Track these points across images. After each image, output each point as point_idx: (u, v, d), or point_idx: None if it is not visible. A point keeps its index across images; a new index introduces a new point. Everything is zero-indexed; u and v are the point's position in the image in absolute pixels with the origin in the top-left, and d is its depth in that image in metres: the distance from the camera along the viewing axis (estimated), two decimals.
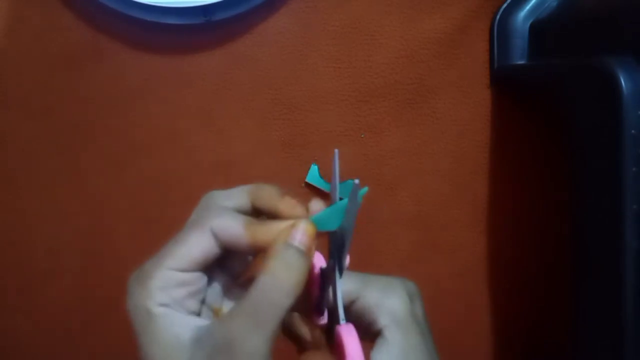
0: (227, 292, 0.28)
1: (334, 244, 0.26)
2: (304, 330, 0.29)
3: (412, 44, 0.50)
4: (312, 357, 0.27)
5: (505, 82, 0.50)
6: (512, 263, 0.52)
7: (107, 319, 0.52)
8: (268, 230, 0.25)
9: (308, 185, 0.51)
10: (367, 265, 0.51)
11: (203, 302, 0.27)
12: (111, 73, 0.50)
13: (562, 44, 0.44)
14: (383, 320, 0.27)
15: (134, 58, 0.50)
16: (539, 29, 0.47)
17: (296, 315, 0.29)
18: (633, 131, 0.32)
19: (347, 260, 0.27)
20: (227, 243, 0.26)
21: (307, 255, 0.25)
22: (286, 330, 0.29)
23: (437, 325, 0.53)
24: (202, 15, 0.47)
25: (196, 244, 0.25)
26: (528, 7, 0.48)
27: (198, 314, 0.26)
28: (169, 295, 0.24)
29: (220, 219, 0.26)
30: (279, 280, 0.24)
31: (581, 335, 0.39)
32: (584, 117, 0.37)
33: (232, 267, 0.28)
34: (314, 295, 0.28)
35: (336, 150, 0.25)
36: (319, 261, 0.28)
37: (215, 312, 0.27)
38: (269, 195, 0.27)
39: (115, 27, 0.49)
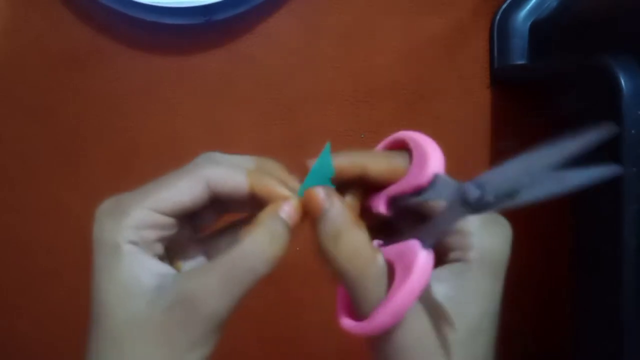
0: (186, 245, 0.27)
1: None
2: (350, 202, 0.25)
3: (412, 44, 0.50)
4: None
5: (505, 82, 0.50)
6: (511, 263, 0.52)
7: None
8: (270, 185, 0.24)
9: None
10: None
11: (167, 251, 0.26)
12: (111, 73, 0.50)
13: (562, 43, 0.44)
14: (474, 254, 0.24)
15: (134, 58, 0.50)
16: (539, 29, 0.47)
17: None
18: (633, 131, 0.32)
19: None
20: (222, 192, 0.24)
21: (291, 229, 0.24)
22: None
23: None
24: (202, 15, 0.47)
25: (186, 190, 0.24)
26: (528, 7, 0.48)
27: (161, 259, 0.25)
28: (141, 236, 0.23)
29: (219, 168, 0.25)
30: (261, 248, 0.23)
31: (581, 335, 0.39)
32: (583, 117, 0.37)
33: (200, 222, 0.27)
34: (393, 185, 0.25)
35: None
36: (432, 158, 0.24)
37: (176, 267, 0.26)
38: (274, 168, 0.26)
39: (115, 27, 0.49)
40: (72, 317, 0.53)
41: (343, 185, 0.25)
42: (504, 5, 0.48)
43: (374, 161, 0.25)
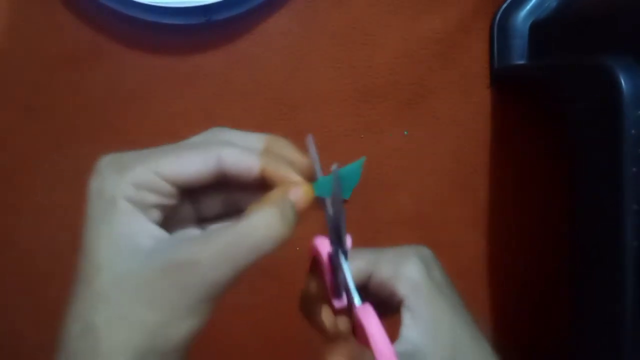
0: (185, 225, 0.26)
1: (331, 229, 0.26)
2: (326, 318, 0.28)
3: (412, 44, 0.50)
4: (334, 348, 0.26)
5: (505, 82, 0.50)
6: (512, 263, 0.52)
7: None
8: (280, 170, 0.24)
9: None
10: None
11: (165, 223, 0.25)
12: (111, 73, 0.50)
13: (562, 43, 0.44)
14: (402, 290, 0.27)
15: (134, 58, 0.50)
16: (539, 28, 0.47)
17: (315, 302, 0.29)
18: (633, 131, 0.32)
19: (349, 241, 0.27)
20: (234, 172, 0.24)
21: (297, 215, 0.24)
22: (310, 319, 0.29)
23: None
24: (202, 15, 0.47)
25: (195, 163, 0.23)
26: (528, 7, 0.48)
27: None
28: (140, 196, 0.22)
29: (235, 149, 0.24)
30: (271, 225, 0.22)
31: (581, 335, 0.39)
32: (584, 117, 0.37)
33: (201, 208, 0.26)
34: (328, 281, 0.28)
35: (309, 135, 0.26)
36: (325, 247, 0.28)
37: None
38: (284, 147, 0.26)
39: (115, 27, 0.49)
40: None
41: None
42: (504, 5, 0.48)
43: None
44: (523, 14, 0.48)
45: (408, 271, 0.28)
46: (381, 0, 0.49)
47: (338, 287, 0.28)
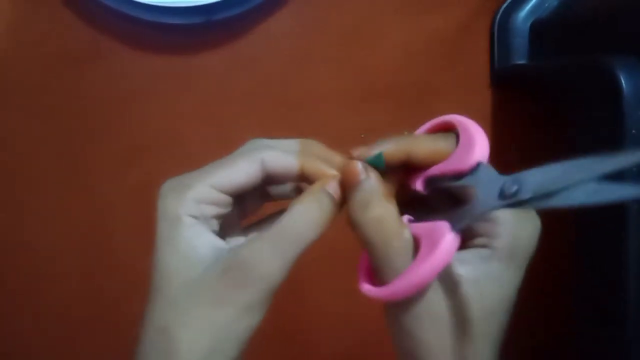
0: (234, 228, 0.29)
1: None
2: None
3: (412, 44, 0.50)
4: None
5: (505, 82, 0.50)
6: None
7: (110, 320, 0.52)
8: (317, 165, 0.27)
9: None
10: None
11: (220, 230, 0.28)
12: (111, 73, 0.50)
13: (562, 43, 0.44)
14: (500, 242, 0.25)
15: (134, 58, 0.50)
16: (539, 28, 0.47)
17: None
18: (633, 131, 0.32)
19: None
20: (276, 172, 0.26)
21: (336, 203, 0.26)
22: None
23: None
24: (202, 15, 0.47)
25: (244, 170, 0.26)
26: (528, 7, 0.48)
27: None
28: (201, 210, 0.25)
29: (274, 151, 0.27)
30: (310, 214, 0.25)
31: (582, 335, 0.39)
32: (584, 117, 0.37)
33: (245, 209, 0.29)
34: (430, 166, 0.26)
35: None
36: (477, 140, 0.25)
37: None
38: (318, 147, 0.29)
39: (115, 27, 0.49)
40: (74, 318, 0.53)
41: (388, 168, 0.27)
42: (505, 5, 0.48)
43: (419, 145, 0.27)
44: (523, 13, 0.48)
45: (522, 233, 0.25)
46: (381, 0, 0.49)
47: (437, 178, 0.25)
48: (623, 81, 0.33)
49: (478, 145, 0.25)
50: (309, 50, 0.50)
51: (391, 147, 0.27)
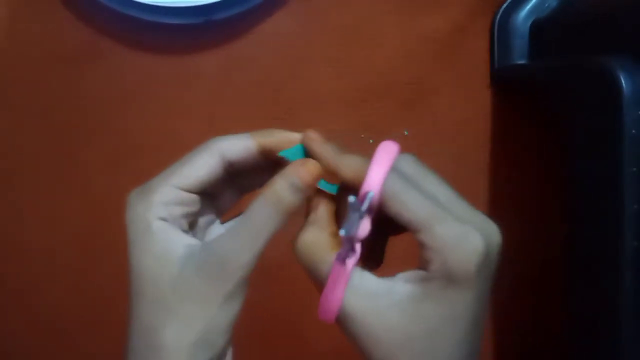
0: (209, 227, 0.30)
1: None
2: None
3: (412, 44, 0.50)
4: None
5: (505, 82, 0.50)
6: (511, 263, 0.52)
7: (106, 320, 0.52)
8: (275, 136, 0.28)
9: None
10: None
11: (191, 229, 0.28)
12: (111, 73, 0.50)
13: (562, 44, 0.44)
14: (435, 272, 0.24)
15: (133, 58, 0.50)
16: (539, 28, 0.47)
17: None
18: (633, 131, 0.32)
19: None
20: (237, 158, 0.27)
21: (303, 190, 0.26)
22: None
23: None
24: (202, 15, 0.47)
25: (204, 164, 0.27)
26: (528, 7, 0.48)
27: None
28: (169, 211, 0.26)
29: (229, 139, 0.28)
30: (270, 206, 0.25)
31: (579, 335, 0.39)
32: (584, 117, 0.37)
33: (220, 205, 0.30)
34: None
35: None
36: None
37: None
38: (276, 130, 0.29)
39: (114, 27, 0.49)
40: (69, 317, 0.53)
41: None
42: (505, 5, 0.48)
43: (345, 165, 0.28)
44: (523, 13, 0.48)
45: (459, 260, 0.23)
46: (381, 0, 0.49)
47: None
48: (623, 81, 0.33)
49: (369, 174, 0.26)
50: (308, 50, 0.50)
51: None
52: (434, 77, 0.50)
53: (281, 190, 0.26)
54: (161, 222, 0.26)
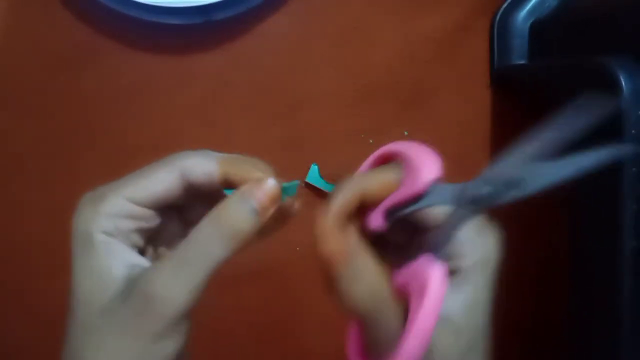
0: (175, 241, 0.26)
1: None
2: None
3: (412, 44, 0.50)
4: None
5: (505, 82, 0.50)
6: (511, 263, 0.52)
7: None
8: (241, 168, 0.24)
9: (308, 185, 0.50)
10: None
11: (152, 245, 0.26)
12: (111, 73, 0.50)
13: (562, 44, 0.44)
14: (469, 260, 0.24)
15: (133, 58, 0.50)
16: (539, 28, 0.47)
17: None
18: (633, 131, 0.32)
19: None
20: (197, 181, 0.24)
21: (260, 214, 0.23)
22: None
23: None
24: (201, 15, 0.47)
25: (161, 181, 0.24)
26: (528, 7, 0.48)
27: (142, 252, 0.25)
28: (115, 225, 0.23)
29: (194, 158, 0.25)
30: (217, 230, 0.22)
31: (579, 335, 0.39)
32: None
33: (189, 218, 0.26)
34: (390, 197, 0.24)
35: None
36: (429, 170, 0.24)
37: (159, 258, 0.26)
38: (247, 159, 0.25)
39: (114, 27, 0.49)
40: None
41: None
42: (504, 5, 0.48)
43: (370, 182, 0.24)
44: (523, 13, 0.48)
45: (487, 248, 0.24)
46: (381, 0, 0.49)
47: (399, 209, 0.23)
48: (623, 81, 0.33)
49: (424, 165, 0.24)
50: (308, 50, 0.50)
51: (348, 195, 0.24)
52: (434, 77, 0.50)
53: (232, 213, 0.23)
54: (105, 237, 0.23)
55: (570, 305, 0.40)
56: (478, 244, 0.24)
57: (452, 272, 0.24)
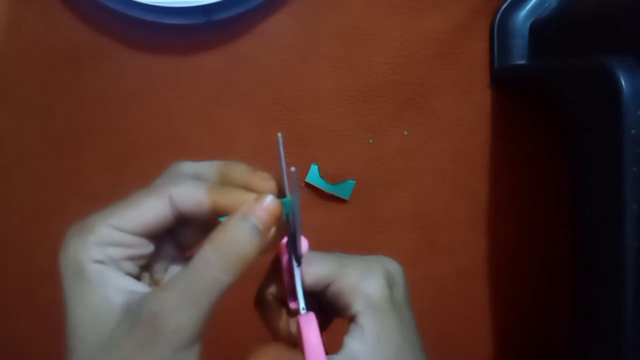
0: (174, 266, 0.26)
1: (289, 234, 0.26)
2: (280, 319, 0.28)
3: (412, 44, 0.50)
4: (263, 350, 0.26)
5: (505, 82, 0.50)
6: (512, 263, 0.52)
7: None
8: (231, 196, 0.23)
9: (308, 185, 0.50)
10: None
11: (148, 271, 0.25)
12: (111, 73, 0.50)
13: (562, 44, 0.44)
14: (357, 306, 0.25)
15: (134, 58, 0.50)
16: (539, 29, 0.47)
17: (271, 301, 0.28)
18: (633, 131, 0.32)
19: (305, 245, 0.26)
20: (186, 210, 0.24)
21: (262, 233, 0.23)
22: (265, 319, 0.28)
23: (437, 325, 0.53)
24: (202, 15, 0.47)
25: (150, 208, 0.23)
26: (528, 7, 0.48)
27: (138, 278, 0.24)
28: (106, 253, 0.22)
29: (182, 186, 0.24)
30: (222, 255, 0.22)
31: (581, 335, 0.39)
32: (584, 117, 0.37)
33: (184, 241, 0.26)
34: (286, 282, 0.27)
35: (279, 134, 0.25)
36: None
37: (157, 284, 0.25)
38: (239, 170, 0.25)
39: (115, 27, 0.49)
40: None
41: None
42: (504, 5, 0.48)
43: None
44: (523, 14, 0.48)
45: (369, 288, 0.26)
46: (381, 0, 0.49)
47: (293, 290, 0.27)
48: (623, 81, 0.33)
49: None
50: (308, 50, 0.50)
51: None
52: (434, 77, 0.50)
53: (234, 236, 0.22)
54: (97, 266, 0.22)
55: (572, 306, 0.40)
56: (360, 291, 0.26)
57: (351, 320, 0.26)
